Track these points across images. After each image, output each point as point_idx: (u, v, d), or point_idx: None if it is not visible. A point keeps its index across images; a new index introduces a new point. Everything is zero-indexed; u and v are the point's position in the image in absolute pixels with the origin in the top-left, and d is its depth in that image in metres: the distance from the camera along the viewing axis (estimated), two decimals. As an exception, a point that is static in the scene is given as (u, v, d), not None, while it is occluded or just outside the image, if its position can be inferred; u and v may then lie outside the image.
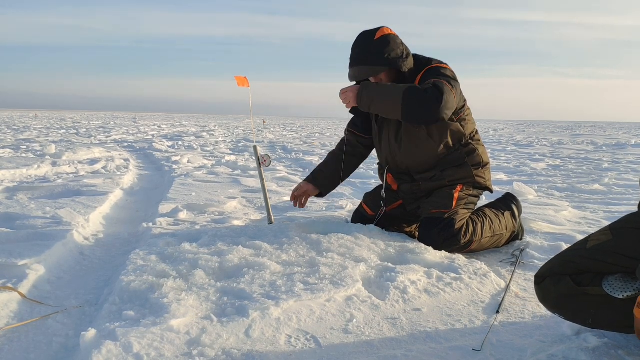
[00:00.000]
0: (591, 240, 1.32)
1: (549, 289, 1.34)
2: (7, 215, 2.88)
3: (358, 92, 2.28)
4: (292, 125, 28.36)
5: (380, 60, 2.29)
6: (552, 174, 5.83)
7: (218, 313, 1.48)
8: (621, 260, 1.24)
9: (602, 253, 1.27)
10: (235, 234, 2.32)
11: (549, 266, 1.38)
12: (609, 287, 1.23)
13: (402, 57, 2.32)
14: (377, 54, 2.29)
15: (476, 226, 2.27)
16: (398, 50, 2.32)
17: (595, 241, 1.30)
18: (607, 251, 1.26)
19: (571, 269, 1.31)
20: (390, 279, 1.78)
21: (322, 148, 9.87)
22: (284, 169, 6.02)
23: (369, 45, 2.30)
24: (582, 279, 1.29)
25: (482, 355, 1.34)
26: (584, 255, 1.30)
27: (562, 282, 1.31)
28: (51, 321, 1.59)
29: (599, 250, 1.28)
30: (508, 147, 10.86)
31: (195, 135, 13.95)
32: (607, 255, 1.26)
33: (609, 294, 1.23)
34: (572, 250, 1.36)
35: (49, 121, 24.05)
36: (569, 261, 1.33)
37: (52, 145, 7.80)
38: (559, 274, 1.33)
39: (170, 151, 8.33)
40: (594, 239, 1.31)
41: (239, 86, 2.86)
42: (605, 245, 1.27)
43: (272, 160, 2.88)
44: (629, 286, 1.21)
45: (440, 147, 2.38)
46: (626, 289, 1.21)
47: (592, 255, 1.28)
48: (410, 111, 2.17)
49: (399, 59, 2.31)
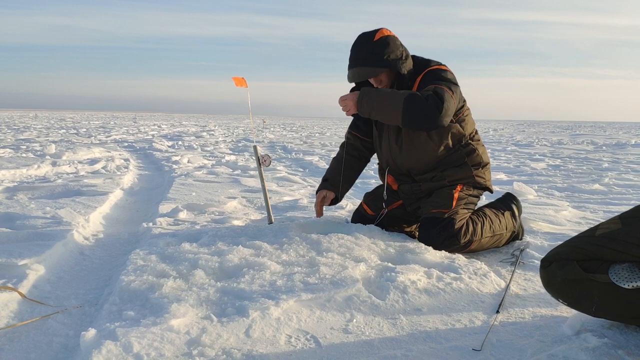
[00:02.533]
0: (600, 228, 1.31)
1: (555, 272, 1.34)
2: (7, 215, 2.88)
3: (358, 99, 2.26)
4: (292, 125, 28.37)
5: (380, 62, 2.29)
6: (552, 173, 5.83)
7: (218, 313, 1.48)
8: (630, 248, 1.24)
9: (611, 241, 1.27)
10: (235, 234, 2.32)
11: (556, 250, 1.38)
12: (615, 276, 1.23)
13: (401, 59, 2.32)
14: (376, 56, 2.28)
15: (476, 226, 2.28)
16: (397, 51, 2.31)
17: (605, 229, 1.30)
18: (616, 239, 1.26)
19: (579, 255, 1.31)
20: (390, 278, 1.78)
21: (322, 148, 9.87)
22: (284, 169, 6.02)
23: (369, 46, 2.30)
24: (589, 264, 1.28)
25: (482, 355, 1.34)
26: (592, 242, 1.30)
27: (569, 266, 1.31)
28: (51, 321, 1.59)
29: (607, 238, 1.27)
30: (508, 147, 10.86)
31: (195, 135, 13.96)
32: (616, 243, 1.26)
33: (615, 283, 1.23)
34: (580, 237, 1.36)
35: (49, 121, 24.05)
36: (577, 247, 1.33)
37: (52, 145, 7.81)
38: (566, 259, 1.33)
39: (170, 151, 8.34)
40: (603, 227, 1.31)
41: (237, 87, 2.87)
42: (615, 233, 1.27)
43: (272, 160, 2.88)
44: (636, 276, 1.21)
45: (440, 148, 2.38)
46: (633, 279, 1.21)
47: (601, 242, 1.28)
48: (411, 119, 2.17)
49: (398, 61, 2.31)
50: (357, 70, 2.33)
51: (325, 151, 8.96)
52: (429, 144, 2.37)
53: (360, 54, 2.31)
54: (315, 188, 4.46)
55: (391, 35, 2.34)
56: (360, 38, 2.34)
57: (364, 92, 2.26)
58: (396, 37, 2.36)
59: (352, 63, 2.35)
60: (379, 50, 2.28)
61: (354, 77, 2.35)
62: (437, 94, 2.16)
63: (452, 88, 2.24)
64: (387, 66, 2.29)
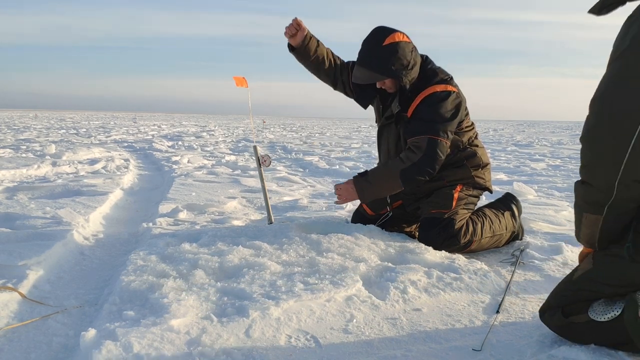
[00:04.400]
0: (578, 269, 1.40)
1: (549, 322, 1.42)
2: (7, 215, 2.88)
3: (358, 191, 2.35)
4: (292, 125, 28.37)
5: (383, 69, 2.26)
6: (552, 174, 5.84)
7: (218, 313, 1.48)
8: (603, 288, 1.32)
9: (586, 282, 1.35)
10: (235, 234, 2.32)
11: (547, 300, 1.46)
12: (593, 313, 1.31)
13: (406, 68, 2.26)
14: (381, 61, 2.25)
15: (476, 226, 2.28)
16: (404, 60, 2.25)
17: (581, 270, 1.38)
18: (590, 280, 1.35)
19: (563, 301, 1.39)
20: (390, 279, 1.79)
21: (322, 148, 9.87)
22: (284, 169, 6.02)
23: (377, 49, 2.26)
24: (571, 309, 1.36)
25: (482, 355, 1.34)
26: (571, 288, 1.39)
27: (556, 315, 1.39)
28: (51, 321, 1.59)
29: (583, 279, 1.36)
30: (508, 147, 10.86)
31: (195, 135, 13.95)
32: (591, 284, 1.34)
33: (593, 319, 1.31)
34: (563, 282, 1.45)
35: (49, 121, 24.05)
36: (560, 294, 1.42)
37: (52, 145, 7.80)
38: (554, 307, 1.41)
39: (170, 151, 8.34)
40: (580, 268, 1.40)
41: (238, 86, 2.86)
42: (588, 274, 1.35)
43: (272, 160, 2.88)
44: (609, 308, 1.29)
45: None
46: (607, 311, 1.29)
47: (578, 286, 1.37)
48: (412, 184, 2.31)
49: (402, 71, 2.26)
50: (361, 72, 2.32)
51: (325, 151, 8.96)
52: None
53: (368, 55, 2.29)
54: (315, 188, 4.46)
55: (403, 41, 2.26)
56: (372, 36, 2.29)
57: (359, 185, 2.35)
58: (408, 43, 2.29)
59: (359, 60, 2.33)
60: (386, 56, 2.24)
61: (359, 77, 2.34)
62: (427, 154, 2.22)
63: (446, 130, 2.25)
64: (389, 75, 2.27)
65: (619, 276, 1.29)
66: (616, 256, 1.30)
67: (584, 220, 1.33)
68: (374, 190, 2.35)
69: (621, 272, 1.29)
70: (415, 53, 2.32)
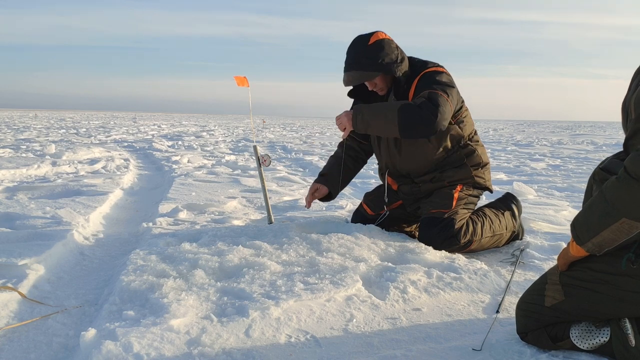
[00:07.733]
0: (547, 296, 1.35)
1: (535, 343, 1.38)
2: (7, 215, 2.88)
3: (352, 116, 2.27)
4: (292, 125, 28.36)
5: (374, 66, 2.28)
6: (552, 173, 5.83)
7: (218, 313, 1.48)
8: (580, 317, 1.31)
9: (562, 312, 1.32)
10: (235, 234, 2.32)
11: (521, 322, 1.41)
12: (576, 338, 1.30)
13: (396, 62, 2.31)
14: (371, 59, 2.28)
15: (476, 226, 2.28)
16: (392, 54, 2.31)
17: (552, 299, 1.33)
18: (565, 310, 1.32)
19: (541, 324, 1.36)
20: (390, 278, 1.79)
21: (322, 148, 9.87)
22: (284, 168, 6.02)
23: (363, 50, 2.29)
24: (556, 331, 1.34)
25: (482, 355, 1.34)
26: (546, 314, 1.35)
27: (542, 337, 1.36)
28: (51, 321, 1.59)
29: (558, 309, 1.33)
30: (508, 147, 10.86)
31: (195, 135, 13.95)
32: (567, 314, 1.32)
33: (576, 345, 1.29)
34: (532, 304, 1.38)
35: (48, 121, 24.05)
36: (535, 318, 1.36)
37: (52, 145, 7.81)
38: (535, 329, 1.37)
39: (170, 151, 8.34)
40: (549, 295, 1.34)
41: (239, 86, 2.86)
42: (562, 305, 1.32)
43: (272, 160, 2.88)
44: (592, 335, 1.28)
45: (439, 150, 2.38)
46: (590, 337, 1.28)
47: (553, 313, 1.33)
48: (408, 129, 2.17)
49: (393, 64, 2.30)
50: (351, 74, 2.33)
51: (325, 151, 8.96)
52: (428, 147, 2.37)
53: (355, 57, 2.31)
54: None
55: (386, 38, 2.33)
56: (355, 41, 2.34)
57: (358, 109, 2.27)
58: (391, 40, 2.35)
59: (347, 66, 2.34)
60: (374, 54, 2.28)
61: (349, 80, 2.35)
62: (431, 100, 2.16)
63: (447, 91, 2.24)
64: (381, 70, 2.29)
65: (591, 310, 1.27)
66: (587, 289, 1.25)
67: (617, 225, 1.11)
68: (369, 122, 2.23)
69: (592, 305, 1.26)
70: (400, 49, 2.38)
